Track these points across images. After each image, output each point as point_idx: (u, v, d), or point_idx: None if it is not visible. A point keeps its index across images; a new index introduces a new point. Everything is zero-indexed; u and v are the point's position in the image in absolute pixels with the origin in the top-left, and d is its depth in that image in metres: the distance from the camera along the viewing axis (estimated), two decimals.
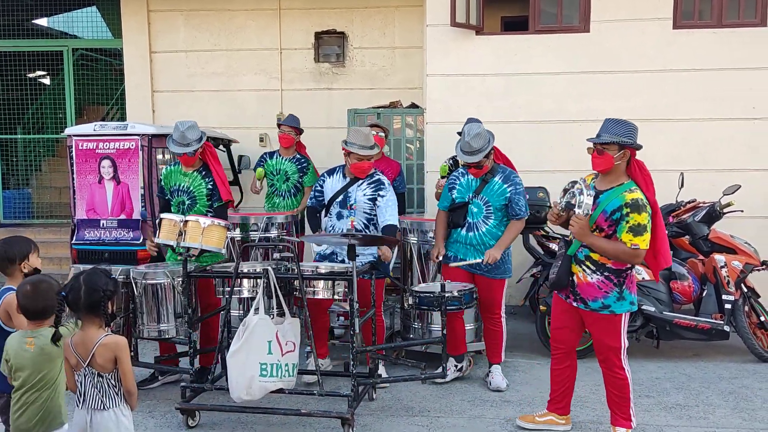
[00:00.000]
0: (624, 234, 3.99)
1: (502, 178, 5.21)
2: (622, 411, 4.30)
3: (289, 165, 6.86)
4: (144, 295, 4.86)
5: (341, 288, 4.62)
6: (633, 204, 4.00)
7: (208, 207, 5.35)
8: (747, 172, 7.22)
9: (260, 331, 4.31)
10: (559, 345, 4.46)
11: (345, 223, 5.24)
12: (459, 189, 5.29)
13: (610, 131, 4.13)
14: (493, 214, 5.19)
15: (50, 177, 10.51)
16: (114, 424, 3.18)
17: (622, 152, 4.12)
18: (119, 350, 3.15)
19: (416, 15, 8.64)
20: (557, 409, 4.55)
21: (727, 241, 6.15)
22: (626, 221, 3.99)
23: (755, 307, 6.08)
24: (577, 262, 4.22)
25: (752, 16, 7.32)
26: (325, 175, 5.46)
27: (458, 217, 5.27)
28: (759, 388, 5.33)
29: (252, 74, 9.03)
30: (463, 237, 5.24)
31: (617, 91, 7.39)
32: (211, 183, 5.36)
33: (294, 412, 4.50)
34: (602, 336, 4.22)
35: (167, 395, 5.23)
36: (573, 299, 4.26)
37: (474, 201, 5.21)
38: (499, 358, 5.44)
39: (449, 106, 7.54)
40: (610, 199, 4.08)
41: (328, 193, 5.36)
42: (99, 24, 10.31)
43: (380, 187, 5.27)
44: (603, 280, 4.15)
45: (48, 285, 3.28)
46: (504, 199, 5.16)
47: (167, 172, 5.52)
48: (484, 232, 5.19)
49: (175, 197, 5.41)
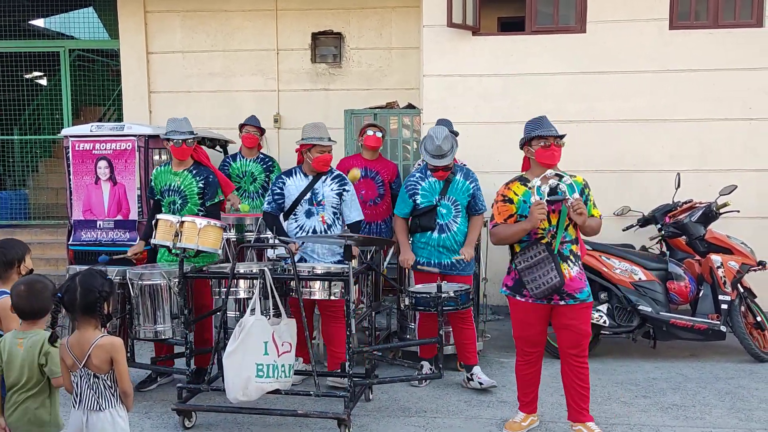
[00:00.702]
0: (593, 209, 4.29)
1: (462, 175, 5.29)
2: (586, 403, 4.35)
3: (254, 166, 6.87)
4: (140, 296, 4.85)
5: (337, 289, 4.62)
6: (586, 183, 4.34)
7: (199, 206, 5.35)
8: (744, 172, 7.22)
9: (256, 332, 4.30)
10: (535, 349, 4.45)
11: (315, 219, 5.24)
12: (423, 193, 5.28)
13: (549, 126, 4.31)
14: (460, 212, 5.27)
15: (47, 178, 10.49)
16: (110, 425, 3.17)
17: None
18: (115, 351, 3.14)
19: (413, 16, 8.65)
20: (532, 409, 4.58)
21: (723, 242, 6.16)
22: (589, 198, 4.29)
23: (751, 308, 6.09)
24: (562, 259, 4.24)
25: (748, 17, 7.33)
26: (283, 178, 5.37)
27: (428, 220, 5.26)
28: (755, 389, 5.33)
29: (249, 75, 9.04)
30: (435, 240, 5.24)
31: (614, 91, 7.40)
32: (203, 182, 5.36)
33: (291, 413, 4.50)
34: (583, 324, 4.30)
35: (164, 396, 5.22)
36: (559, 298, 4.26)
37: (442, 202, 5.24)
38: (476, 359, 5.38)
39: (446, 106, 7.54)
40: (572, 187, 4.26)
41: (291, 194, 5.30)
42: (96, 25, 10.31)
43: (344, 182, 5.35)
44: (579, 270, 4.31)
45: (43, 285, 3.29)
46: (468, 195, 5.26)
47: (157, 172, 5.52)
48: (456, 232, 5.24)
49: (166, 197, 5.41)
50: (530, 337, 4.43)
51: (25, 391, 3.22)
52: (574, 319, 4.28)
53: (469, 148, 7.09)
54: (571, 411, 4.40)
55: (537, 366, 4.50)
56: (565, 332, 4.32)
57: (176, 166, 5.43)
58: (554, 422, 4.68)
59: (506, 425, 4.56)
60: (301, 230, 5.27)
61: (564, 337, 4.34)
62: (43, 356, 3.20)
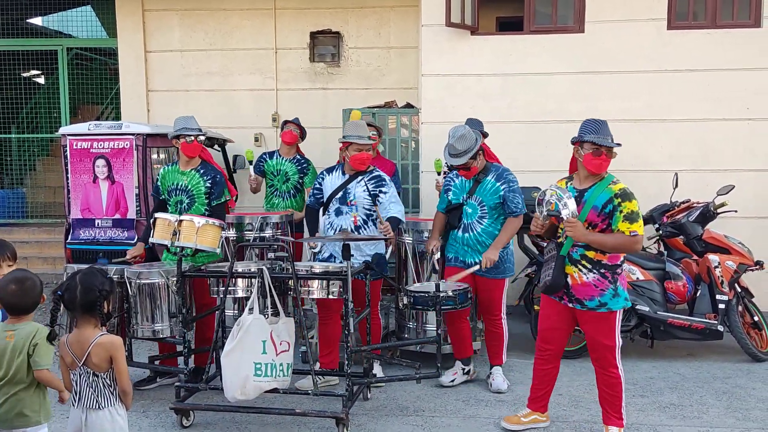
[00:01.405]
0: (621, 223, 4.05)
1: (495, 176, 5.21)
2: (615, 410, 4.30)
3: (289, 166, 6.85)
4: (138, 295, 4.85)
5: (336, 288, 4.62)
6: (622, 193, 4.09)
7: (206, 206, 5.34)
8: (741, 172, 7.24)
9: (255, 331, 4.30)
10: (549, 346, 4.46)
11: (344, 219, 5.23)
12: (454, 191, 5.31)
13: (606, 133, 4.18)
14: (488, 213, 5.19)
15: (44, 176, 10.48)
16: (109, 423, 3.17)
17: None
18: (115, 350, 3.14)
19: (411, 15, 8.65)
20: (540, 407, 4.58)
21: (721, 241, 6.17)
22: (620, 211, 4.06)
23: (749, 307, 6.10)
24: (571, 262, 4.21)
25: (746, 17, 7.35)
26: (324, 173, 5.46)
27: (454, 218, 5.28)
28: (753, 388, 5.35)
29: (247, 74, 9.03)
30: (460, 238, 5.25)
31: (613, 91, 7.41)
32: (210, 181, 5.35)
33: (289, 412, 4.50)
34: (598, 335, 4.22)
35: (161, 395, 5.22)
36: (567, 300, 4.27)
37: (468, 202, 5.22)
38: (500, 360, 5.43)
39: (444, 106, 7.55)
40: (597, 195, 4.14)
41: (327, 190, 5.35)
42: (94, 23, 10.29)
43: (382, 183, 5.29)
44: (599, 278, 4.16)
45: (32, 282, 3.26)
46: (498, 197, 5.17)
47: (164, 171, 5.50)
48: (479, 232, 5.19)
49: (173, 197, 5.40)
50: (545, 332, 4.45)
51: (14, 384, 3.19)
52: (588, 326, 4.27)
53: None
54: (603, 412, 4.39)
55: (550, 365, 4.49)
56: (587, 337, 4.35)
57: (184, 166, 5.41)
58: (552, 421, 4.70)
59: (506, 417, 4.60)
60: (331, 227, 5.29)
61: (587, 342, 4.38)
62: (32, 347, 3.15)
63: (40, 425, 3.28)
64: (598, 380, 4.33)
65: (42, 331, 3.18)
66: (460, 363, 5.45)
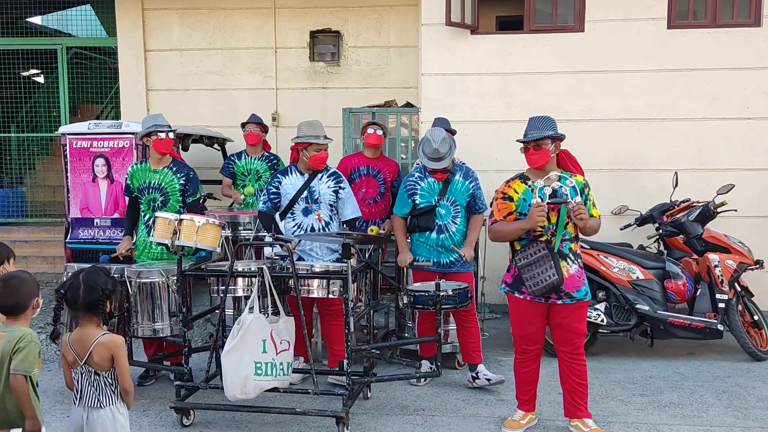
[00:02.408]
0: (593, 209, 4.31)
1: (462, 175, 5.28)
2: (584, 399, 4.38)
3: (259, 164, 6.85)
4: (138, 294, 4.85)
5: (336, 287, 4.63)
6: (587, 183, 4.37)
7: (181, 203, 5.36)
8: (741, 171, 7.24)
9: (255, 330, 4.30)
10: (534, 347, 4.48)
11: (312, 217, 5.26)
12: (422, 193, 5.28)
13: (539, 127, 4.29)
14: (460, 212, 5.25)
15: (44, 176, 10.47)
16: (110, 422, 3.17)
17: (554, 144, 4.30)
18: (116, 349, 3.15)
19: (411, 14, 8.65)
20: (530, 407, 4.60)
21: (721, 241, 6.18)
22: (588, 199, 4.31)
23: (749, 306, 6.11)
24: (561, 257, 4.26)
25: (746, 16, 7.34)
26: (279, 176, 5.38)
27: (426, 221, 5.26)
28: (752, 387, 5.35)
29: (247, 73, 9.03)
30: (434, 240, 5.24)
31: (612, 90, 7.41)
32: (184, 178, 5.36)
33: (289, 411, 4.50)
34: (578, 323, 4.32)
35: (162, 394, 5.22)
36: (557, 297, 4.29)
37: (441, 203, 5.23)
38: (480, 358, 5.37)
39: (444, 105, 7.55)
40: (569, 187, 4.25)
41: (288, 192, 5.31)
42: (93, 22, 10.28)
43: (340, 179, 5.38)
44: (578, 268, 4.33)
45: (19, 281, 3.18)
46: (468, 195, 5.25)
47: (133, 170, 5.49)
48: (455, 232, 5.23)
49: (146, 195, 5.40)
50: (528, 335, 4.45)
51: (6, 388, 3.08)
52: (569, 318, 4.31)
53: (467, 146, 7.11)
54: (568, 407, 4.44)
55: (535, 364, 4.53)
56: (559, 330, 4.37)
57: (155, 164, 5.42)
58: (551, 420, 4.70)
59: (505, 424, 4.57)
60: (299, 228, 5.28)
61: (558, 335, 4.39)
62: (14, 351, 3.03)
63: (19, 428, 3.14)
64: (568, 372, 4.39)
65: (29, 336, 3.06)
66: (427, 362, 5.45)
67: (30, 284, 3.20)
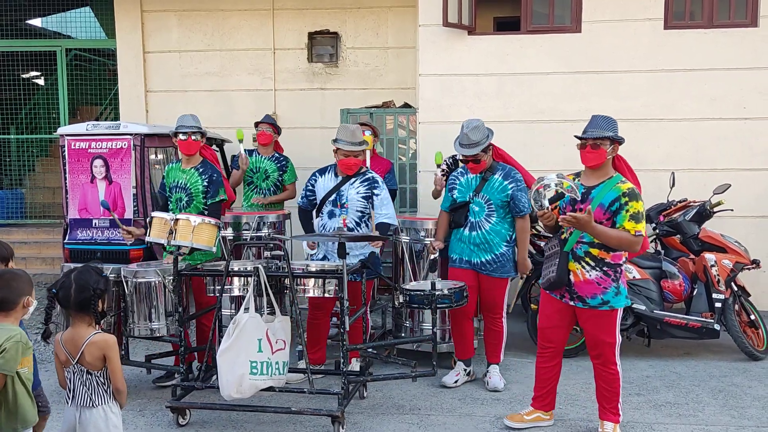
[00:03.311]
0: (626, 222, 4.08)
1: (502, 175, 5.23)
2: (612, 405, 4.34)
3: (268, 163, 6.87)
4: (135, 294, 4.86)
5: (332, 286, 4.63)
6: (630, 193, 4.11)
7: (204, 204, 5.37)
8: (738, 171, 7.25)
9: (250, 329, 4.32)
10: (550, 344, 4.48)
11: (337, 221, 5.26)
12: (459, 189, 5.30)
13: (601, 126, 4.22)
14: (495, 211, 5.19)
15: (44, 177, 10.50)
16: (103, 421, 3.18)
17: (612, 146, 4.21)
18: (108, 348, 3.15)
19: (409, 15, 8.66)
20: (543, 405, 4.58)
21: (717, 240, 6.18)
22: (626, 210, 4.08)
23: (745, 306, 6.11)
24: (575, 259, 4.23)
25: (743, 17, 7.35)
26: (316, 174, 5.46)
27: (460, 216, 5.28)
28: (749, 386, 5.35)
29: (245, 74, 9.05)
30: (467, 237, 5.24)
31: (609, 91, 7.42)
32: (207, 180, 5.37)
33: (284, 410, 4.51)
34: (599, 332, 4.25)
35: (158, 394, 5.23)
36: (569, 298, 4.29)
37: (475, 200, 5.22)
38: (497, 358, 5.43)
39: (442, 106, 7.56)
40: (605, 192, 4.16)
41: (320, 192, 5.37)
42: (92, 24, 10.31)
43: (374, 185, 5.30)
44: (602, 275, 4.20)
45: (12, 276, 3.17)
46: (505, 196, 5.17)
47: (168, 169, 5.55)
48: (488, 230, 5.19)
49: (174, 194, 5.44)
50: (546, 330, 4.47)
51: None
52: (588, 324, 4.30)
53: None
54: (599, 408, 4.43)
55: (552, 363, 4.51)
56: (585, 335, 4.40)
57: (185, 164, 5.45)
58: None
59: (509, 416, 4.61)
60: (323, 229, 5.31)
61: (586, 339, 4.41)
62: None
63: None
64: (597, 376, 4.37)
65: (17, 336, 3.02)
66: (462, 364, 5.45)
67: (23, 281, 3.18)
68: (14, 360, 2.99)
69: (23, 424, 3.12)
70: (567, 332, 4.49)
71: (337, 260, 5.04)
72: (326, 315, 5.35)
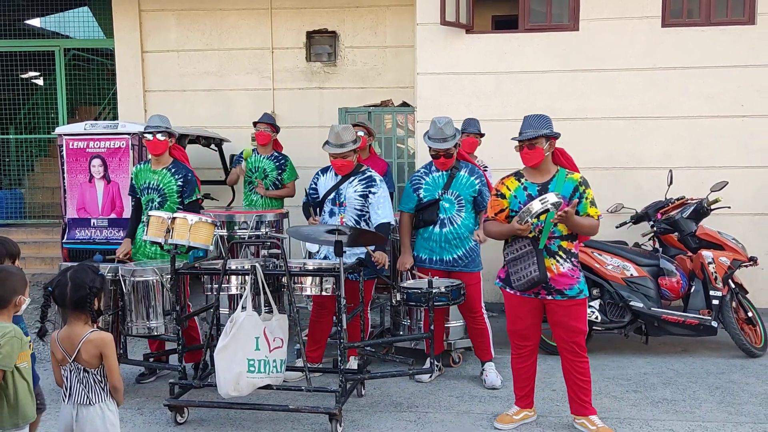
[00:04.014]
0: (589, 208, 4.26)
1: (468, 171, 5.30)
2: (588, 396, 4.39)
3: (267, 163, 6.88)
4: (132, 293, 4.87)
5: (329, 285, 4.64)
6: (584, 181, 4.30)
7: (178, 204, 5.37)
8: (735, 169, 7.26)
9: (248, 328, 4.33)
10: (527, 343, 4.49)
11: (335, 220, 5.27)
12: (426, 187, 5.31)
13: (534, 126, 4.28)
14: (464, 207, 5.25)
15: (43, 177, 10.52)
16: (100, 419, 3.18)
17: (548, 143, 4.28)
18: (105, 346, 3.15)
19: (407, 14, 8.67)
20: (527, 404, 4.61)
21: (714, 238, 6.19)
22: (585, 197, 4.26)
23: (743, 303, 6.11)
24: (549, 254, 4.26)
25: (740, 14, 7.36)
26: (319, 173, 5.49)
27: (430, 214, 5.28)
28: (746, 383, 5.36)
29: (244, 73, 9.06)
30: (437, 234, 5.25)
31: (607, 89, 7.43)
32: (182, 180, 5.38)
33: (282, 408, 4.52)
34: (574, 321, 4.32)
35: (156, 392, 5.24)
36: (546, 293, 4.30)
37: (444, 196, 5.25)
38: (489, 355, 5.45)
39: (440, 104, 7.57)
40: (560, 185, 4.25)
41: (321, 190, 5.39)
42: (91, 24, 10.32)
43: (371, 183, 5.29)
44: (572, 266, 4.30)
45: (6, 274, 3.15)
46: (474, 191, 5.25)
47: (137, 170, 5.55)
48: (460, 225, 5.23)
49: (145, 195, 5.44)
50: (521, 331, 4.47)
51: None
52: (565, 316, 4.31)
53: None
54: (573, 404, 4.45)
55: (530, 360, 4.53)
56: (557, 328, 4.38)
57: (155, 164, 5.46)
58: (545, 416, 4.71)
59: (498, 418, 4.59)
60: None
61: (557, 333, 4.40)
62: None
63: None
64: (570, 370, 4.39)
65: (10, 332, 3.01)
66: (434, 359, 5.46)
67: (17, 279, 3.17)
68: (10, 356, 3.00)
69: (24, 419, 3.15)
70: (540, 328, 4.53)
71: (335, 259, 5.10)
72: (329, 314, 5.34)
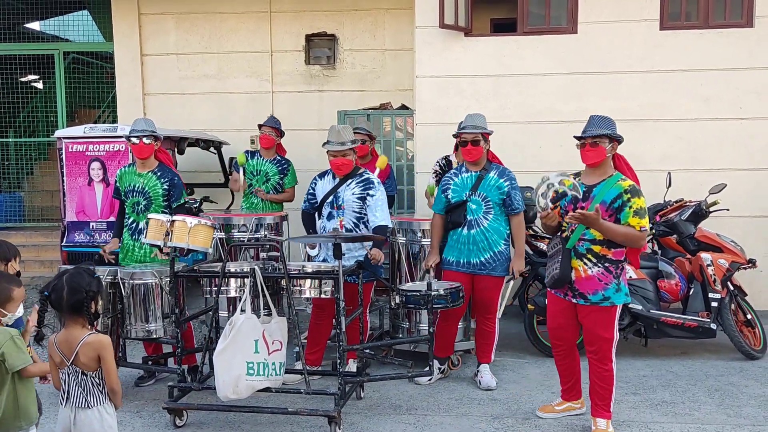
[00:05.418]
0: (631, 218, 4.14)
1: (497, 173, 5.27)
2: (605, 402, 4.38)
3: (269, 166, 6.88)
4: (132, 296, 4.87)
5: (328, 287, 4.64)
6: (632, 189, 4.19)
7: (164, 207, 5.37)
8: (734, 171, 7.27)
9: (247, 330, 4.32)
10: (562, 343, 4.55)
11: (334, 223, 5.27)
12: (454, 189, 5.31)
13: (599, 125, 4.30)
14: (492, 209, 5.21)
15: (42, 180, 10.54)
16: (98, 422, 3.17)
17: (611, 145, 4.28)
18: (103, 349, 3.14)
19: (406, 17, 8.69)
20: (571, 396, 4.70)
21: (713, 240, 6.19)
22: (629, 206, 4.15)
23: (741, 305, 6.11)
24: (577, 256, 4.27)
25: (738, 17, 7.38)
26: (316, 178, 5.49)
27: (457, 216, 5.27)
28: (745, 385, 5.36)
29: (243, 77, 9.07)
30: (465, 236, 5.24)
31: (606, 91, 7.44)
32: (168, 183, 5.38)
33: (281, 411, 4.52)
34: (597, 328, 4.30)
35: (155, 395, 5.24)
36: (571, 295, 4.33)
37: (472, 198, 5.23)
38: (489, 358, 5.45)
39: (438, 107, 7.58)
40: (606, 190, 4.22)
41: (319, 195, 5.39)
42: (90, 27, 10.35)
43: (369, 186, 5.29)
44: (603, 271, 4.25)
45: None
46: (501, 193, 5.20)
47: (121, 173, 5.54)
48: (486, 227, 5.20)
49: (130, 198, 5.43)
50: (554, 329, 4.55)
51: None
52: (587, 319, 4.34)
53: None
54: (592, 405, 4.47)
55: (568, 360, 4.61)
56: (584, 331, 4.42)
57: (140, 167, 5.45)
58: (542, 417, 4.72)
59: (540, 407, 4.74)
60: (323, 231, 5.31)
61: (584, 335, 4.43)
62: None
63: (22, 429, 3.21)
64: (592, 373, 4.40)
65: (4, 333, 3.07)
66: (437, 362, 5.44)
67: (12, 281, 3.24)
68: (17, 353, 3.11)
69: (27, 421, 3.19)
70: (576, 329, 4.52)
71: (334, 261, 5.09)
72: (329, 317, 5.34)
